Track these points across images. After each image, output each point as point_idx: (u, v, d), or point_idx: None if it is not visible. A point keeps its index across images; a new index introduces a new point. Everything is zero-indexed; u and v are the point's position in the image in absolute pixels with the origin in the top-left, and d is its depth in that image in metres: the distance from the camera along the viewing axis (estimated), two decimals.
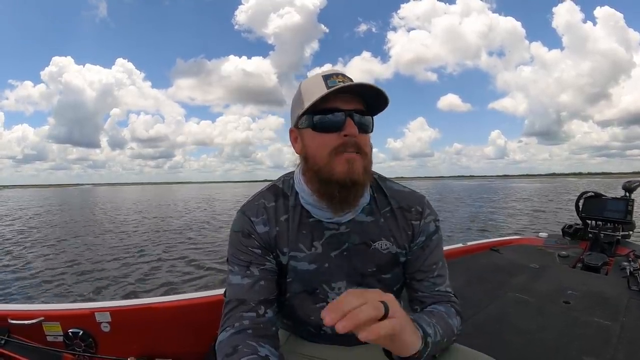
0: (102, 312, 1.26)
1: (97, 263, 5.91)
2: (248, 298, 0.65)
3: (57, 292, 4.37)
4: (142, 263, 5.88)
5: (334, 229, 0.70)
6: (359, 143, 0.63)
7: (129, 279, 4.93)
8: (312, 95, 0.63)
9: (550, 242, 2.44)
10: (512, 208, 15.10)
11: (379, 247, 0.71)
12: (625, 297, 1.46)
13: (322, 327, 0.74)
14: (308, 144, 0.66)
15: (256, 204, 0.73)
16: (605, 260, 1.94)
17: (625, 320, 1.25)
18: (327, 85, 0.62)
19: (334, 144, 0.62)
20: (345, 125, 0.62)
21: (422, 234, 0.73)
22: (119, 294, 4.27)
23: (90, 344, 1.26)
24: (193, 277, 4.98)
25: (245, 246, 0.69)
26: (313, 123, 0.64)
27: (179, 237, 8.74)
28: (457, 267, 1.90)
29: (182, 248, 7.15)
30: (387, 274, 0.73)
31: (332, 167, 0.63)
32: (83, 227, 11.27)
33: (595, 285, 1.61)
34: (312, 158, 0.65)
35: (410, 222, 0.73)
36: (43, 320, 1.23)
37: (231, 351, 0.58)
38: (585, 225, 2.42)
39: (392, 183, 0.77)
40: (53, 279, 4.97)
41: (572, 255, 2.11)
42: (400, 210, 0.73)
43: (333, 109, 0.62)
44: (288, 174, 0.77)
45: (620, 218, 2.24)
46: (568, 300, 1.45)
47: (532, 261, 2.02)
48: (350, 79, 0.64)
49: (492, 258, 2.14)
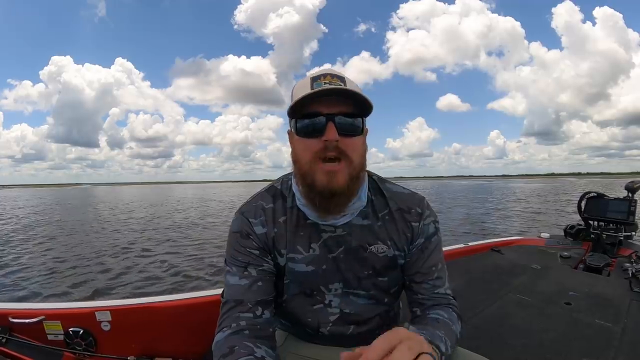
0: (103, 311, 1.26)
1: (98, 262, 5.94)
2: (245, 299, 0.65)
3: (58, 291, 4.39)
4: (144, 263, 5.90)
5: (331, 231, 0.70)
6: (341, 148, 0.61)
7: (130, 278, 4.95)
8: (297, 97, 0.62)
9: (552, 242, 2.42)
10: (509, 209, 14.66)
11: (375, 250, 0.71)
12: (627, 298, 1.45)
13: (319, 328, 0.74)
14: (295, 148, 0.66)
15: (254, 205, 0.73)
16: (608, 261, 1.92)
17: (627, 322, 1.24)
18: (312, 87, 0.62)
19: (315, 149, 0.61)
20: (326, 130, 0.60)
21: (421, 236, 0.72)
22: (119, 293, 4.29)
23: (90, 342, 1.26)
24: (191, 277, 4.99)
25: (244, 247, 0.69)
26: (297, 127, 0.64)
27: (178, 236, 8.77)
28: (458, 268, 1.90)
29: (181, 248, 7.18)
30: (384, 277, 0.73)
31: (313, 175, 0.62)
32: (81, 226, 11.34)
33: (597, 287, 1.60)
34: (298, 162, 0.65)
35: (409, 224, 0.72)
36: (44, 319, 1.24)
37: (228, 352, 0.58)
38: (587, 225, 2.41)
39: (392, 184, 0.77)
40: (53, 278, 5.00)
41: (574, 256, 2.10)
42: (400, 212, 0.72)
43: (315, 113, 0.61)
44: (287, 174, 0.77)
45: (622, 219, 2.23)
46: (570, 302, 1.44)
47: (534, 262, 2.01)
48: (341, 78, 0.63)
49: (493, 258, 2.13)
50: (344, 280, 0.72)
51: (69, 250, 6.94)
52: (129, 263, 5.86)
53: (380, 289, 0.74)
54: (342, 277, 0.72)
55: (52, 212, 17.37)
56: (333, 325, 0.74)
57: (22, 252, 6.91)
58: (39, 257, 6.47)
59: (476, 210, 14.90)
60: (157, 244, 7.57)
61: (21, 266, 5.72)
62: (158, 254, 6.53)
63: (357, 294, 0.73)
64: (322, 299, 0.72)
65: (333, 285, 0.72)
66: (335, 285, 0.72)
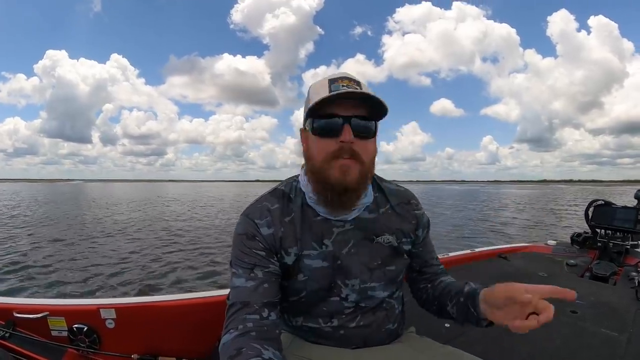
0: (107, 309, 1.27)
1: (101, 260, 5.97)
2: (252, 300, 0.65)
3: (62, 288, 4.42)
4: (146, 261, 5.93)
5: (341, 226, 0.73)
6: (355, 149, 0.65)
7: (135, 276, 4.97)
8: (315, 98, 0.65)
9: (559, 250, 2.41)
10: (493, 219, 13.66)
11: (381, 241, 0.76)
12: (634, 308, 1.44)
13: (332, 321, 0.75)
14: (310, 146, 0.70)
15: (259, 206, 0.74)
16: (614, 269, 1.91)
17: (633, 332, 1.23)
18: (331, 89, 0.65)
19: (331, 149, 0.66)
20: (343, 132, 0.64)
21: (421, 225, 0.82)
22: (124, 290, 4.31)
23: (94, 340, 1.26)
24: (201, 276, 5.00)
25: (249, 248, 0.70)
26: (313, 127, 0.67)
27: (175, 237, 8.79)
28: (464, 274, 1.88)
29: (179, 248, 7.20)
30: (391, 266, 0.77)
31: (327, 172, 0.66)
32: (85, 225, 11.39)
33: (603, 295, 1.59)
34: (312, 160, 0.69)
35: (412, 213, 0.81)
36: (48, 315, 1.24)
37: (235, 353, 0.58)
38: (594, 233, 2.39)
39: (389, 183, 0.84)
40: (58, 274, 5.04)
41: (580, 264, 2.08)
42: (400, 205, 0.80)
43: (332, 115, 0.65)
44: (292, 177, 0.80)
45: (630, 227, 2.21)
46: (575, 310, 1.43)
47: (540, 269, 1.99)
48: (357, 82, 0.67)
49: (499, 265, 2.12)
50: (359, 274, 0.75)
51: (85, 251, 6.98)
52: (134, 263, 5.89)
53: (390, 280, 0.78)
54: (357, 270, 0.75)
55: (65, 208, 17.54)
56: (346, 317, 0.75)
57: (21, 246, 6.97)
58: (40, 251, 6.52)
59: (458, 214, 14.61)
60: (155, 244, 7.61)
61: (26, 260, 5.76)
62: (158, 254, 6.56)
63: (372, 287, 0.76)
64: (338, 293, 0.75)
65: (350, 281, 0.74)
66: (352, 279, 0.74)
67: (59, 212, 15.28)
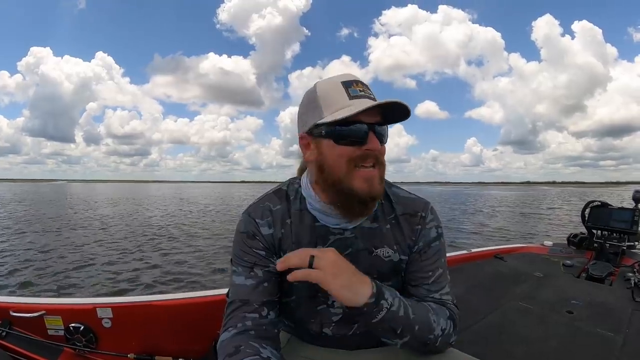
0: (104, 308, 1.26)
1: (99, 259, 5.94)
2: (251, 299, 0.65)
3: (59, 287, 4.39)
4: (143, 261, 5.90)
5: (339, 234, 0.71)
6: (379, 157, 0.64)
7: (131, 275, 4.95)
8: (332, 102, 0.62)
9: (555, 250, 2.42)
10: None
11: (380, 254, 0.71)
12: (629, 308, 1.44)
13: (322, 329, 0.74)
14: (326, 154, 0.64)
15: (261, 206, 0.73)
16: (611, 270, 1.92)
17: (629, 332, 1.24)
18: (349, 94, 0.62)
19: (351, 156, 0.62)
20: (368, 139, 0.62)
21: (422, 240, 0.72)
22: (120, 290, 4.29)
23: (90, 339, 1.26)
24: (192, 275, 4.99)
25: (250, 247, 0.69)
26: (334, 134, 0.62)
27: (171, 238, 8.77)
28: (460, 274, 1.89)
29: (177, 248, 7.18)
30: (388, 281, 0.71)
31: (352, 182, 0.62)
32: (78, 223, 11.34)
33: (600, 296, 1.60)
34: (330, 168, 0.64)
35: (414, 228, 0.73)
36: (45, 314, 1.23)
37: (233, 351, 0.58)
38: (590, 234, 2.40)
39: (399, 189, 0.77)
40: (55, 273, 5.00)
41: (576, 264, 2.09)
42: (405, 216, 0.73)
43: (356, 121, 0.61)
44: (294, 178, 0.78)
45: (626, 228, 2.22)
46: (571, 310, 1.43)
47: (536, 270, 2.00)
48: (367, 85, 0.65)
49: (495, 265, 2.13)
50: None
51: (80, 249, 6.94)
52: (132, 261, 5.86)
53: None
54: None
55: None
56: (336, 325, 0.73)
57: (20, 246, 6.93)
58: (37, 250, 6.48)
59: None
60: (151, 244, 7.58)
61: (22, 259, 5.73)
62: (158, 254, 6.54)
63: None
64: (325, 300, 0.72)
65: None
66: None
67: (52, 212, 15.21)
